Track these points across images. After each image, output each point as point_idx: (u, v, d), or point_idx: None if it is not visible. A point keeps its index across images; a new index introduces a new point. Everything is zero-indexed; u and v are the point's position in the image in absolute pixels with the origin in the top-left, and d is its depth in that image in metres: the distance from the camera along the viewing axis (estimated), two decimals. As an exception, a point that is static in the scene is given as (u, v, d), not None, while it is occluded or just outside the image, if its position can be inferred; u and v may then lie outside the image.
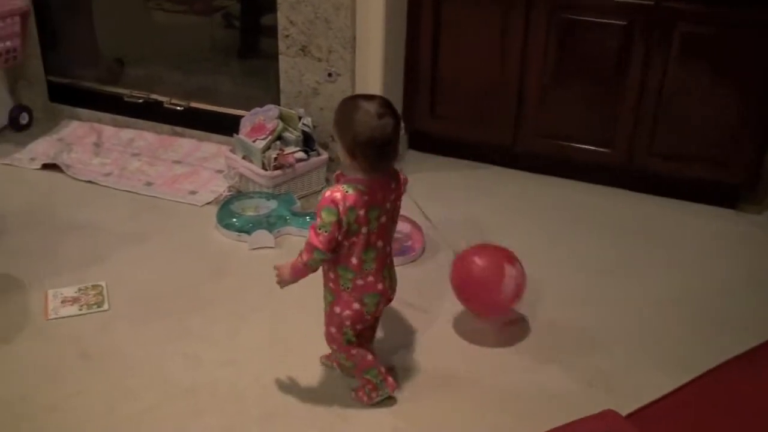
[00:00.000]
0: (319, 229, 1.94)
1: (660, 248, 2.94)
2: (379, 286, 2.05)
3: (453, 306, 2.59)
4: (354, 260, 2.00)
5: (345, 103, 1.99)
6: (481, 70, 3.26)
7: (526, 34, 3.14)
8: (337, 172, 2.05)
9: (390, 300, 2.15)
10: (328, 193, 1.95)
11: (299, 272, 2.02)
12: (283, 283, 2.07)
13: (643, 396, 1.94)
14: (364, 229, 1.97)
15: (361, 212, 1.95)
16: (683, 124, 3.08)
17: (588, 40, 3.09)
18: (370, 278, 2.03)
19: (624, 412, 1.72)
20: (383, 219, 2.00)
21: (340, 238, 1.96)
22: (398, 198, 2.06)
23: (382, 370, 2.16)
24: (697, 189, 3.19)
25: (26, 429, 2.09)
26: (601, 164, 3.27)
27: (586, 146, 3.25)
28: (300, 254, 2.00)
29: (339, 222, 1.93)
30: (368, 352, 2.14)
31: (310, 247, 1.96)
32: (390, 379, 2.17)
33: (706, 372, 1.83)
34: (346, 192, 1.93)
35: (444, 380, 2.29)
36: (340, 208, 1.92)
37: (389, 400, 2.19)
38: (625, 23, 3.02)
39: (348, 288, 2.04)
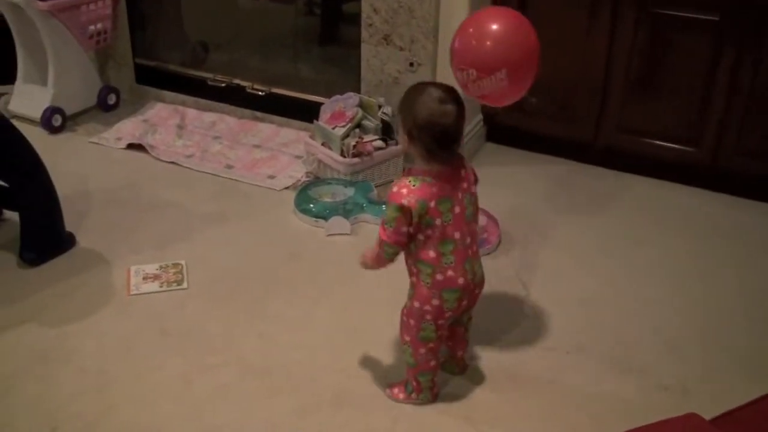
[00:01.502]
0: (386, 224, 1.95)
1: (743, 251, 2.86)
2: (460, 281, 2.00)
3: (528, 300, 2.57)
4: (432, 253, 1.98)
5: (412, 87, 1.99)
6: (565, 63, 3.21)
7: (613, 28, 3.08)
8: (407, 168, 2.04)
9: (475, 296, 2.10)
10: (395, 188, 1.94)
11: (378, 260, 2.03)
12: (364, 265, 2.08)
13: (720, 401, 1.89)
14: (437, 221, 1.95)
15: (432, 204, 1.92)
16: (774, 125, 2.99)
17: (677, 36, 3.01)
18: (450, 273, 1.99)
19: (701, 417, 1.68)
20: (457, 210, 1.97)
21: (411, 230, 1.95)
22: (471, 186, 2.03)
23: (436, 379, 2.15)
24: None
25: (106, 399, 2.16)
26: (684, 163, 3.19)
27: (669, 144, 3.17)
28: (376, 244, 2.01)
29: (405, 217, 1.91)
30: (435, 357, 2.11)
31: (380, 241, 1.98)
32: (436, 390, 2.17)
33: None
34: (413, 186, 1.92)
35: (518, 377, 2.27)
36: (405, 203, 1.91)
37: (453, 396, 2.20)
38: (717, 19, 2.93)
39: (428, 283, 2.00)
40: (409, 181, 1.93)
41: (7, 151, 2.56)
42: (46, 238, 2.72)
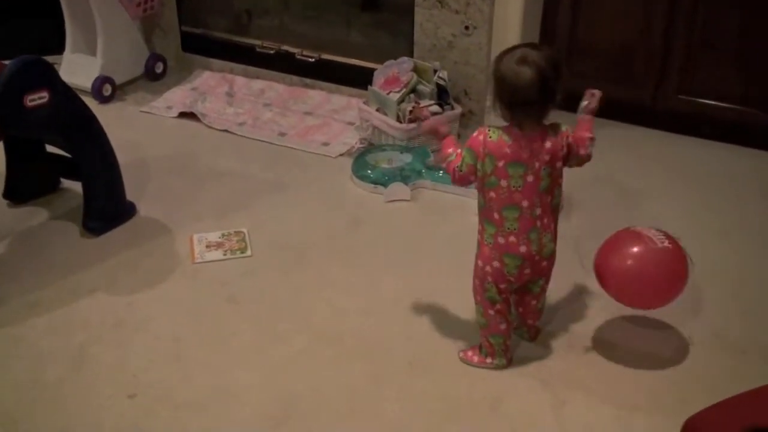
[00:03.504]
0: (459, 167, 1.98)
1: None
2: (522, 249, 1.98)
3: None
4: (495, 215, 1.97)
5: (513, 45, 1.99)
6: (623, 25, 3.15)
7: (675, -14, 3.02)
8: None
9: (543, 268, 2.07)
10: (475, 133, 1.96)
11: (445, 151, 2.05)
12: (423, 125, 2.21)
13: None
14: (503, 183, 1.93)
15: (500, 164, 1.91)
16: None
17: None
18: (512, 238, 1.97)
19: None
20: (530, 178, 1.93)
21: (473, 178, 1.99)
22: (556, 160, 1.96)
23: (509, 343, 2.14)
24: None
25: (182, 367, 2.16)
26: (746, 125, 3.13)
27: (731, 106, 3.11)
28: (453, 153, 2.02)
29: (472, 162, 1.95)
30: (505, 320, 2.09)
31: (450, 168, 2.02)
32: (509, 354, 2.16)
33: None
34: (489, 137, 1.93)
35: (594, 341, 2.25)
36: (480, 151, 1.93)
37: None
38: (784, -25, 2.86)
39: (490, 243, 2.00)
40: (489, 131, 1.94)
41: (72, 122, 2.56)
42: (109, 207, 2.71)
